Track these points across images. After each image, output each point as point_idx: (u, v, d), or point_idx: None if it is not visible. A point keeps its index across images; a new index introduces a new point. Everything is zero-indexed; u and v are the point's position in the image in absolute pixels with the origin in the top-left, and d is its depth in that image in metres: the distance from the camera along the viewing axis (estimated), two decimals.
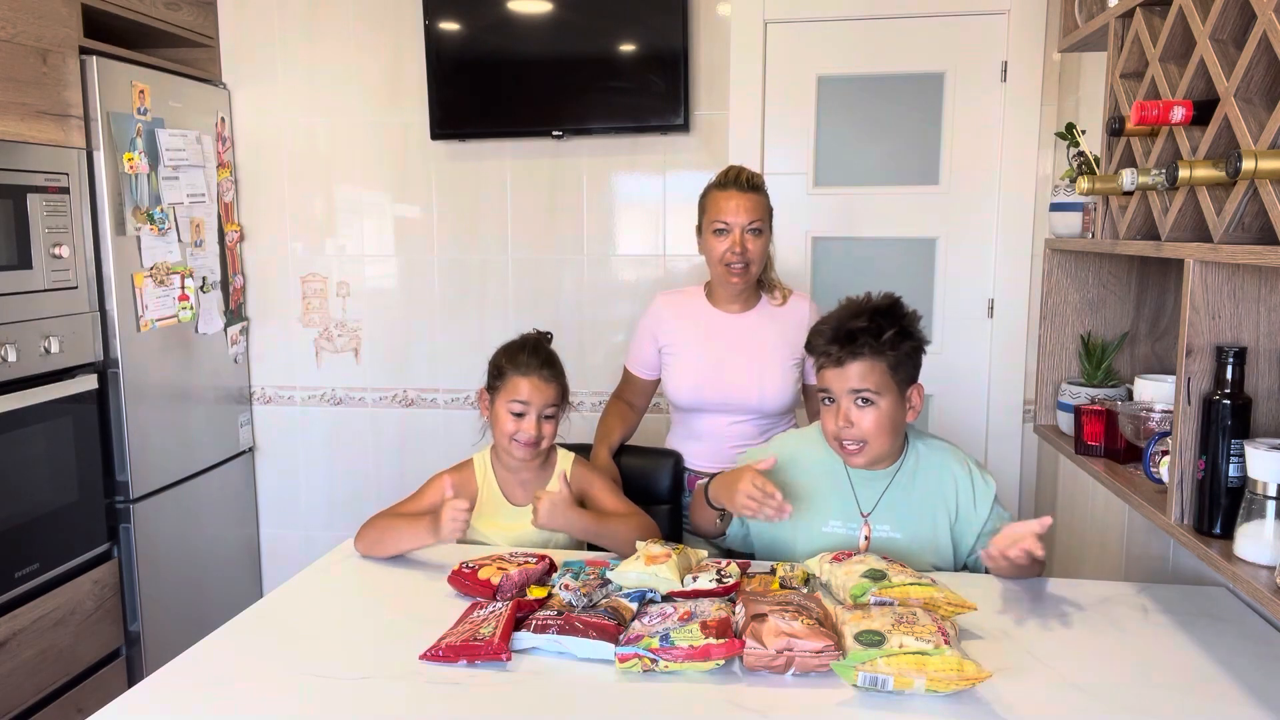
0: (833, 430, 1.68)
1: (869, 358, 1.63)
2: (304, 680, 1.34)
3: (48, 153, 2.43)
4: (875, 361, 1.64)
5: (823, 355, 1.67)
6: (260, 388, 3.34)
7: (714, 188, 2.15)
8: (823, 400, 1.71)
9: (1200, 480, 1.38)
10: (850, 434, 1.66)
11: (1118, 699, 1.28)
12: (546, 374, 1.87)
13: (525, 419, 1.85)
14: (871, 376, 1.64)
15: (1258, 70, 1.28)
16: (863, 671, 1.25)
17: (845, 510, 1.76)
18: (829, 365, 1.66)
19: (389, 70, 3.11)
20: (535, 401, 1.85)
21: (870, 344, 1.63)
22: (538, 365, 1.88)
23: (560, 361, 1.94)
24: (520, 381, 1.86)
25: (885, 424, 1.65)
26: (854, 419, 1.65)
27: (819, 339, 1.68)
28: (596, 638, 1.38)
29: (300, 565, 1.86)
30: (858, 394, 1.64)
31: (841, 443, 1.68)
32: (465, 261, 3.18)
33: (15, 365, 2.33)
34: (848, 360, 1.63)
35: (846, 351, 1.63)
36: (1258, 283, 1.38)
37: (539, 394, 1.86)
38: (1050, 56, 2.80)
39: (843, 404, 1.65)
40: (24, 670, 2.37)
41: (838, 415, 1.66)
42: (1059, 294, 2.04)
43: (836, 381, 1.65)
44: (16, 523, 2.35)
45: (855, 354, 1.63)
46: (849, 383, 1.64)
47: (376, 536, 1.80)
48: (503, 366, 1.90)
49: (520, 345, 1.93)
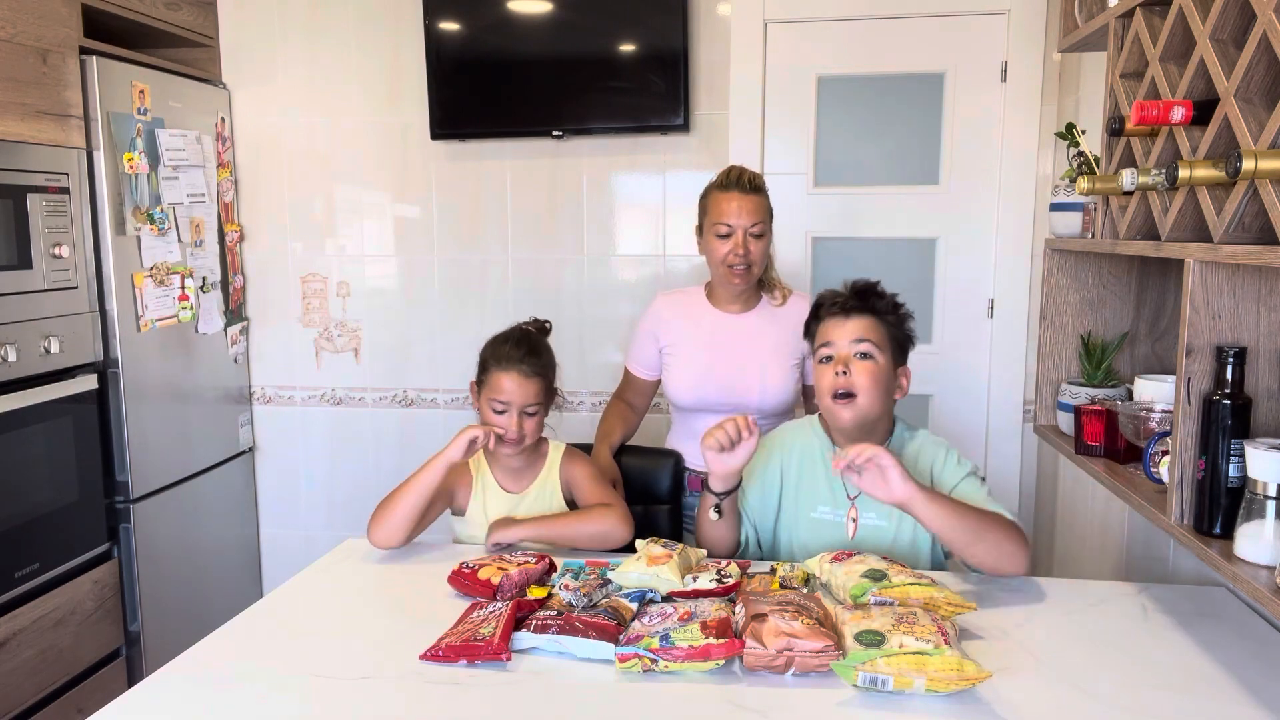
0: (828, 384, 1.69)
1: (873, 316, 1.71)
2: (304, 680, 1.34)
3: (48, 153, 2.43)
4: (878, 321, 1.71)
5: (831, 306, 1.72)
6: (260, 388, 3.34)
7: (715, 189, 2.14)
8: (821, 359, 1.73)
9: (1200, 480, 1.38)
10: (845, 383, 1.67)
11: (1118, 699, 1.28)
12: (527, 369, 1.83)
13: (506, 416, 1.83)
14: (873, 331, 1.70)
15: (1258, 70, 1.28)
16: (863, 671, 1.26)
17: (834, 497, 1.78)
18: (835, 314, 1.71)
19: (389, 70, 3.11)
20: (515, 399, 1.82)
21: (877, 303, 1.71)
22: (519, 359, 1.84)
23: (550, 353, 1.91)
24: (501, 378, 1.83)
25: (880, 380, 1.69)
26: (851, 369, 1.68)
27: (826, 298, 1.74)
28: (596, 638, 1.37)
29: (300, 565, 1.86)
30: (859, 344, 1.68)
31: (834, 394, 1.68)
32: (465, 261, 3.18)
33: (15, 365, 2.33)
34: (854, 313, 1.70)
35: (855, 303, 1.70)
36: (1258, 283, 1.38)
37: (520, 391, 1.82)
38: (1050, 56, 2.80)
39: (842, 353, 1.69)
40: (24, 670, 2.37)
41: (835, 366, 1.68)
42: (1059, 294, 2.04)
43: (839, 332, 1.70)
44: (16, 523, 2.35)
45: (863, 308, 1.71)
46: (852, 333, 1.69)
47: (387, 511, 1.78)
48: (487, 360, 1.88)
49: (505, 337, 1.90)
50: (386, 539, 1.79)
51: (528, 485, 1.93)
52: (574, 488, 1.93)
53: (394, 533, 1.78)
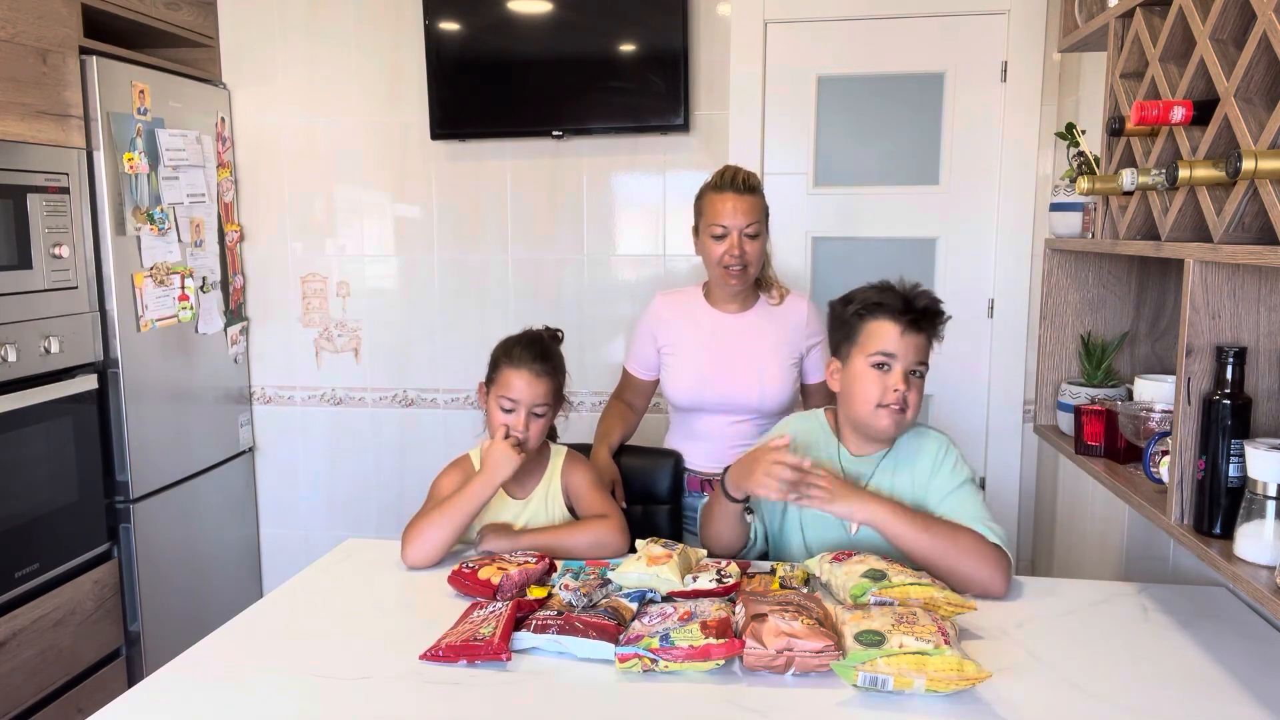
0: (882, 395, 1.67)
1: (931, 335, 1.72)
2: (304, 680, 1.34)
3: (48, 153, 2.43)
4: (929, 340, 1.73)
5: (905, 321, 1.68)
6: (260, 388, 3.34)
7: (710, 190, 2.14)
8: (876, 364, 1.69)
9: (1200, 480, 1.38)
10: (902, 399, 1.67)
11: (1118, 699, 1.28)
12: (538, 369, 1.84)
13: (514, 415, 1.83)
14: (927, 351, 1.72)
15: (1258, 70, 1.28)
16: (863, 671, 1.26)
17: None
18: (905, 329, 1.68)
19: (389, 70, 3.11)
20: (525, 398, 1.83)
21: (936, 322, 1.73)
22: (530, 360, 1.84)
23: (561, 359, 1.92)
24: (511, 376, 1.83)
25: (922, 398, 1.72)
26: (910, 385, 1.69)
27: (894, 304, 1.69)
28: (596, 638, 1.38)
29: (300, 565, 1.86)
30: (917, 366, 1.70)
31: (888, 406, 1.67)
32: (465, 261, 3.18)
33: (15, 365, 2.33)
34: (923, 330, 1.70)
35: (924, 322, 1.70)
36: (1258, 283, 1.38)
37: (529, 390, 1.83)
38: (1050, 56, 2.80)
39: (901, 369, 1.68)
40: (24, 670, 2.37)
41: (896, 380, 1.67)
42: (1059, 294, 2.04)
43: (908, 350, 1.68)
44: (16, 523, 2.35)
45: (928, 326, 1.71)
46: (918, 352, 1.70)
47: (426, 534, 1.75)
48: (499, 359, 1.89)
49: (519, 339, 1.91)
50: (424, 560, 1.76)
51: (531, 490, 1.93)
52: (573, 495, 1.93)
53: (432, 555, 1.76)
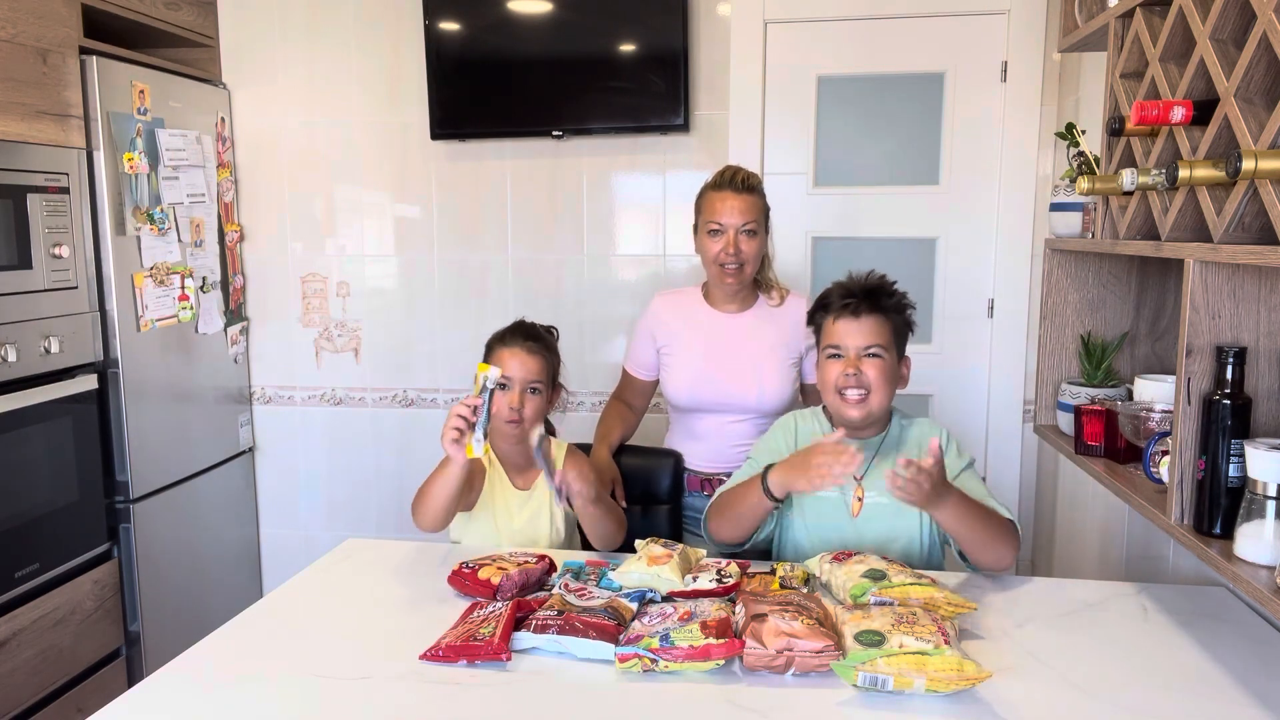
0: (837, 381, 1.72)
1: (881, 314, 1.73)
2: (304, 680, 1.34)
3: (48, 153, 2.43)
4: (886, 319, 1.74)
5: (841, 307, 1.73)
6: (260, 388, 3.34)
7: (709, 188, 2.15)
8: (829, 356, 1.75)
9: (1200, 480, 1.38)
10: (857, 381, 1.71)
11: (1118, 699, 1.28)
12: (530, 346, 1.89)
13: (509, 393, 1.86)
14: (883, 332, 1.73)
15: (1258, 70, 1.28)
16: (863, 671, 1.26)
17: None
18: (845, 315, 1.72)
19: (389, 70, 3.11)
20: (518, 375, 1.86)
21: (885, 300, 1.74)
22: (522, 339, 1.90)
23: (552, 342, 1.96)
24: (504, 355, 1.88)
25: (888, 377, 1.73)
26: (863, 368, 1.71)
27: (834, 295, 1.75)
28: (596, 638, 1.37)
29: (300, 565, 1.86)
30: (868, 347, 1.71)
31: (844, 392, 1.71)
32: (465, 261, 3.18)
33: (15, 365, 2.33)
34: (864, 312, 1.72)
35: (865, 304, 1.72)
36: (1258, 283, 1.38)
37: (522, 367, 1.87)
38: (1050, 56, 2.80)
39: (853, 354, 1.72)
40: (24, 670, 2.37)
41: (846, 364, 1.71)
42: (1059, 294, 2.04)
43: (850, 335, 1.72)
44: (16, 523, 2.35)
45: (873, 308, 1.73)
46: (862, 337, 1.72)
47: (421, 501, 1.81)
48: (492, 344, 1.94)
49: (510, 326, 1.96)
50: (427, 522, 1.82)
51: (533, 482, 1.94)
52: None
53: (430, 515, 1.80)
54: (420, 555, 1.81)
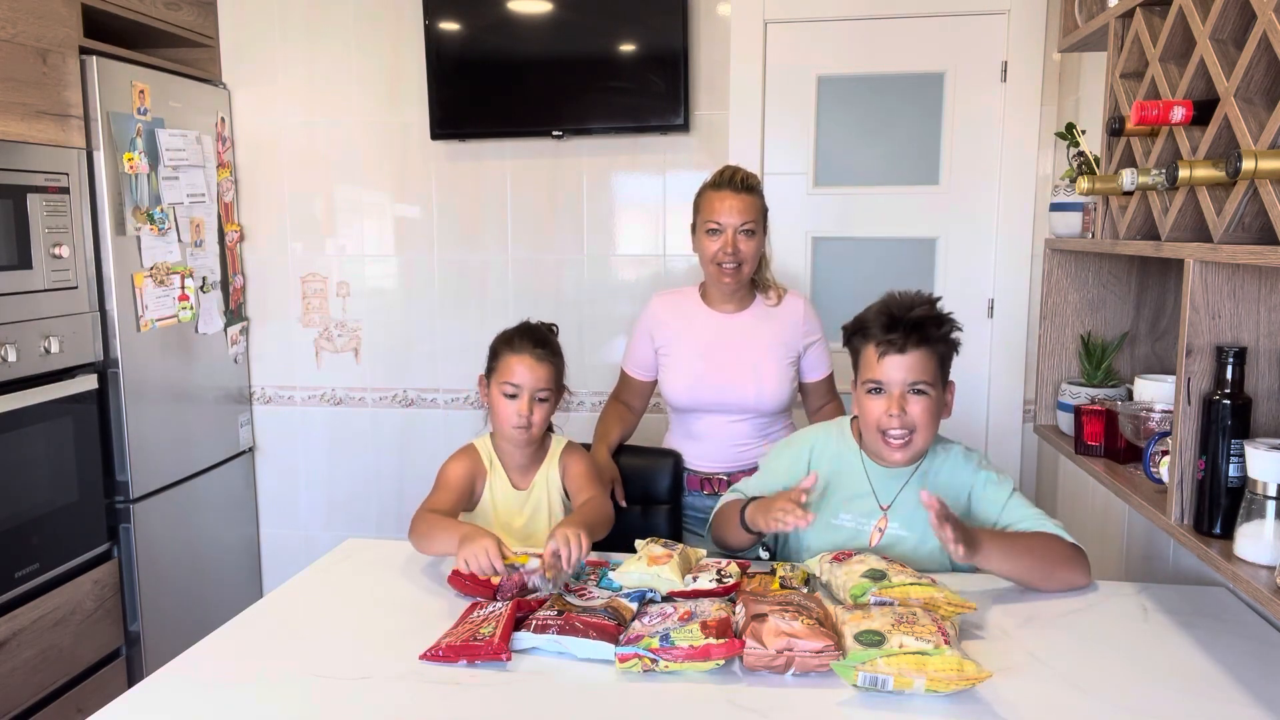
0: (880, 421, 1.63)
1: (927, 347, 1.63)
2: (304, 680, 1.34)
3: (48, 153, 2.43)
4: (931, 351, 1.63)
5: (885, 343, 1.62)
6: (260, 388, 3.34)
7: (708, 188, 2.15)
8: (869, 390, 1.65)
9: (1200, 480, 1.38)
10: (901, 423, 1.62)
11: (1118, 699, 1.28)
12: (540, 354, 1.86)
13: (518, 400, 1.84)
14: (929, 367, 1.63)
15: (1258, 70, 1.28)
16: (863, 671, 1.26)
17: (859, 504, 1.73)
18: (890, 352, 1.62)
19: (389, 70, 3.11)
20: (527, 383, 1.84)
21: (932, 333, 1.63)
22: (531, 345, 1.86)
23: (559, 347, 1.93)
24: (513, 362, 1.85)
25: (934, 415, 1.64)
26: (908, 408, 1.62)
27: (877, 327, 1.64)
28: (596, 638, 1.37)
29: (300, 565, 1.86)
30: (915, 384, 1.62)
31: (887, 434, 1.63)
32: (465, 261, 3.18)
33: (15, 365, 2.33)
34: (910, 348, 1.61)
35: (912, 339, 1.61)
36: (1258, 283, 1.38)
37: (531, 374, 1.84)
38: (1050, 56, 2.80)
39: (896, 392, 1.62)
40: (24, 670, 2.37)
41: (890, 404, 1.62)
42: (1059, 294, 2.04)
43: (895, 370, 1.61)
44: (16, 523, 2.35)
45: (919, 341, 1.62)
46: (909, 372, 1.61)
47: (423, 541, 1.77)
48: (498, 349, 1.91)
49: (516, 329, 1.93)
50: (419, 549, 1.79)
51: (532, 480, 1.94)
52: (568, 479, 1.95)
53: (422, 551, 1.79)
54: (420, 555, 1.81)
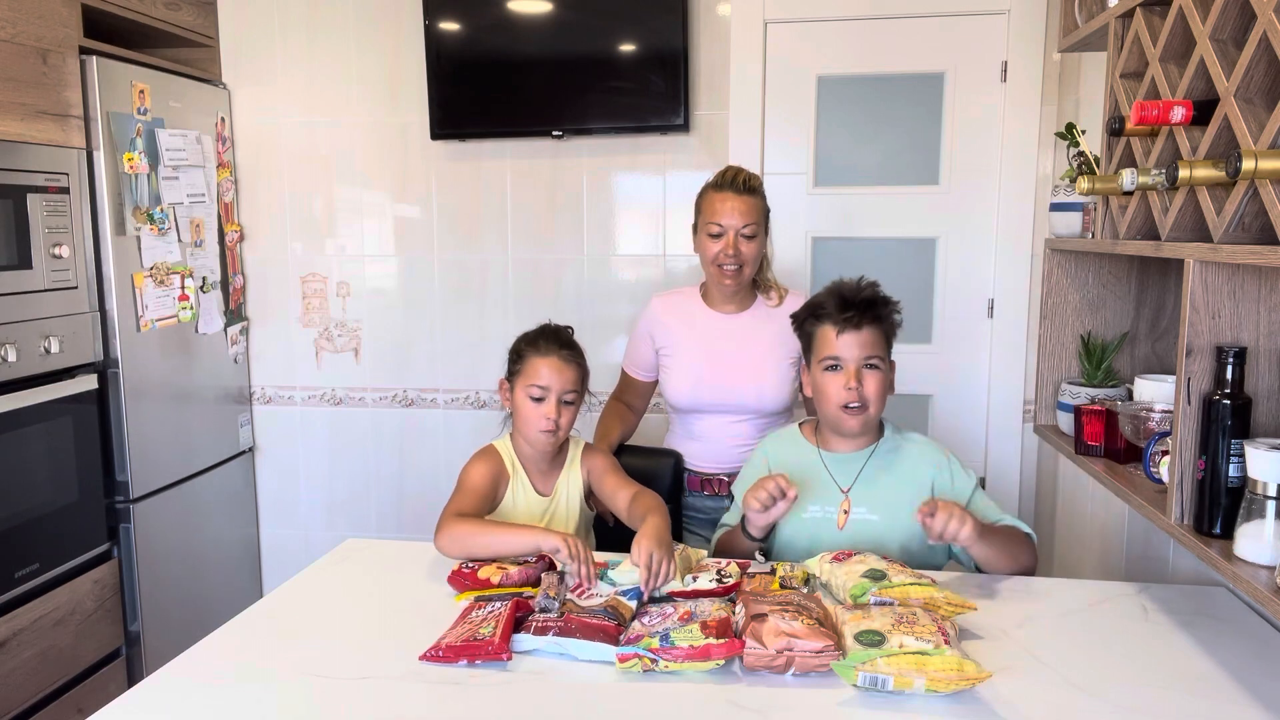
0: (838, 396, 1.73)
1: (878, 325, 1.75)
2: (304, 680, 1.34)
3: (48, 153, 2.43)
4: (880, 329, 1.76)
5: (842, 320, 1.74)
6: (260, 388, 3.34)
7: (710, 189, 2.14)
8: (827, 368, 1.76)
9: (1200, 480, 1.38)
10: (856, 395, 1.73)
11: (1118, 699, 1.28)
12: (566, 355, 1.85)
13: (545, 403, 1.83)
14: (879, 343, 1.75)
15: (1258, 70, 1.28)
16: (863, 671, 1.26)
17: (823, 494, 1.80)
18: (847, 329, 1.73)
19: (389, 70, 3.11)
20: (554, 385, 1.83)
21: (880, 311, 1.76)
22: (557, 347, 1.86)
23: (581, 349, 1.92)
24: (539, 364, 1.84)
25: (885, 389, 1.76)
26: (864, 380, 1.73)
27: (830, 308, 1.75)
28: (596, 638, 1.37)
29: (300, 565, 1.86)
30: (868, 359, 1.73)
31: (846, 406, 1.74)
32: (465, 261, 3.18)
33: (15, 365, 2.33)
34: (864, 324, 1.73)
35: (865, 316, 1.73)
36: (1258, 283, 1.38)
37: (559, 376, 1.83)
38: (1050, 56, 2.80)
39: (853, 366, 1.73)
40: (24, 670, 2.37)
41: (848, 377, 1.73)
42: (1059, 294, 2.04)
43: (851, 346, 1.73)
44: (16, 523, 2.35)
45: (872, 319, 1.74)
46: (863, 348, 1.73)
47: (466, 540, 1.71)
48: (522, 351, 1.89)
49: (540, 331, 1.91)
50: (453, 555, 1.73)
51: (554, 484, 1.93)
52: (595, 479, 1.94)
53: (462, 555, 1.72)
54: (420, 555, 1.81)
